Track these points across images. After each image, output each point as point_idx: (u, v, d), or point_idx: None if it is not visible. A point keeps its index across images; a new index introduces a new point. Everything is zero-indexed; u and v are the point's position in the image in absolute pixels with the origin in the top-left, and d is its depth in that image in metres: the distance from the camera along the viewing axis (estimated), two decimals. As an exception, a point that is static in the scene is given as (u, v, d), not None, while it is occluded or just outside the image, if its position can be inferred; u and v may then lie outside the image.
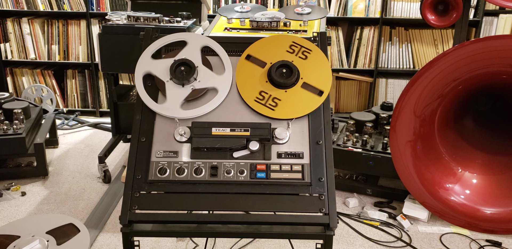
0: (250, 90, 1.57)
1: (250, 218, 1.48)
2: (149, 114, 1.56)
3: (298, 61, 1.60)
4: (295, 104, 1.56)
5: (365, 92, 4.11)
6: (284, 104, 1.56)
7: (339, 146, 2.78)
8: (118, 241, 2.35)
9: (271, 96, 1.56)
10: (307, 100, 1.57)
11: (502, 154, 2.37)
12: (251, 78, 1.58)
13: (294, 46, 1.63)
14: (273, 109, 1.55)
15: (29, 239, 1.67)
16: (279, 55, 1.61)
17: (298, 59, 1.61)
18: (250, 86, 1.58)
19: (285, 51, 1.62)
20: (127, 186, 1.47)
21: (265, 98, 1.56)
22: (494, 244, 2.38)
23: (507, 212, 2.22)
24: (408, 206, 2.57)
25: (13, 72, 4.10)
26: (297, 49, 1.62)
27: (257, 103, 1.56)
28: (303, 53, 1.62)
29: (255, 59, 1.61)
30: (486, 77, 2.16)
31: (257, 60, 1.61)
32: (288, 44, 1.63)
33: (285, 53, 1.61)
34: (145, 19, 2.73)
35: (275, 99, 1.56)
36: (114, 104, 3.02)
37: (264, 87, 1.58)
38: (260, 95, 1.56)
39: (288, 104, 1.56)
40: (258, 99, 1.56)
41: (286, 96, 1.57)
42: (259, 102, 1.56)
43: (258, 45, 1.63)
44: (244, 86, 1.58)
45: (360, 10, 3.82)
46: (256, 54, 1.61)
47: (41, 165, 2.95)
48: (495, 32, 3.80)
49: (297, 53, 1.62)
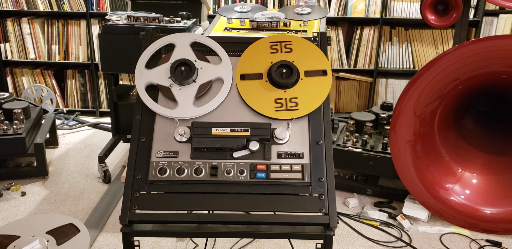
0: (265, 104, 1.55)
1: (250, 218, 1.48)
2: (149, 114, 1.56)
3: (287, 56, 1.60)
4: (310, 94, 1.56)
5: (365, 92, 4.11)
6: (302, 99, 1.56)
7: (339, 146, 2.78)
8: (118, 241, 2.35)
9: (286, 99, 1.56)
10: (318, 85, 1.57)
11: (502, 154, 2.37)
12: (259, 93, 1.57)
13: (274, 45, 1.62)
14: (297, 109, 1.55)
15: (29, 239, 1.67)
16: (266, 60, 1.60)
17: (285, 55, 1.61)
18: (263, 100, 1.56)
19: (270, 53, 1.61)
20: (127, 186, 1.47)
21: (284, 104, 1.56)
22: (494, 244, 2.38)
23: (507, 212, 2.22)
24: (408, 206, 2.57)
25: (13, 72, 4.10)
26: (278, 46, 1.62)
27: (280, 112, 1.55)
28: (286, 47, 1.62)
29: (249, 75, 1.59)
30: (486, 77, 2.16)
31: (251, 75, 1.59)
32: (268, 46, 1.62)
33: (271, 56, 1.61)
34: (145, 19, 2.73)
35: (292, 99, 1.56)
36: (114, 104, 3.01)
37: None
38: (277, 103, 1.56)
39: (305, 97, 1.56)
40: (278, 108, 1.55)
41: (299, 91, 1.57)
42: (281, 110, 1.55)
43: (243, 61, 1.61)
44: (258, 103, 1.56)
45: (360, 10, 3.82)
46: (247, 71, 1.60)
47: (41, 165, 2.95)
48: (495, 32, 3.80)
49: (281, 50, 1.62)
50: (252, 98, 1.56)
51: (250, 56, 1.61)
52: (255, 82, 1.58)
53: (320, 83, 1.58)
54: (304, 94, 1.57)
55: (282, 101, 1.56)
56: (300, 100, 1.56)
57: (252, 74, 1.59)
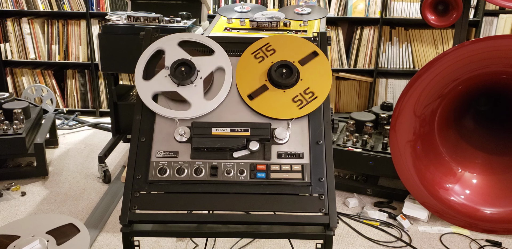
0: (285, 110, 1.56)
1: (250, 218, 1.48)
2: (149, 114, 1.56)
3: (274, 58, 1.61)
4: (317, 79, 1.59)
5: (365, 92, 4.11)
6: (314, 86, 1.58)
7: (339, 146, 2.78)
8: (118, 241, 2.35)
9: (301, 94, 1.57)
10: (318, 67, 1.60)
11: (502, 154, 2.37)
12: (276, 102, 1.56)
13: (256, 53, 1.63)
14: (316, 96, 1.57)
15: (29, 239, 1.67)
16: (260, 70, 1.60)
17: (272, 57, 1.62)
18: (282, 108, 1.56)
19: (258, 63, 1.62)
20: (127, 186, 1.47)
21: (302, 99, 1.57)
22: (494, 244, 2.38)
23: (507, 212, 2.22)
24: (408, 206, 2.57)
25: (13, 72, 4.10)
26: (261, 53, 1.63)
27: (304, 108, 1.55)
28: (268, 50, 1.63)
29: (256, 92, 1.58)
30: (486, 77, 2.16)
31: (258, 91, 1.58)
32: (251, 57, 1.62)
33: (261, 64, 1.61)
34: (145, 19, 2.73)
35: (306, 90, 1.57)
36: (114, 104, 3.01)
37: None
38: (296, 101, 1.56)
39: (314, 83, 1.58)
40: (300, 105, 1.56)
41: (307, 81, 1.59)
42: (304, 105, 1.56)
43: (241, 82, 1.59)
44: (276, 112, 1.56)
45: (360, 10, 3.82)
46: (252, 89, 1.58)
47: (41, 165, 2.95)
48: (495, 32, 3.80)
49: (266, 55, 1.62)
50: (271, 110, 1.56)
51: (244, 74, 1.61)
52: (266, 94, 1.58)
53: (318, 64, 1.61)
54: (312, 81, 1.58)
55: (299, 97, 1.57)
56: (313, 88, 1.57)
57: (258, 90, 1.58)
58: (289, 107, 1.56)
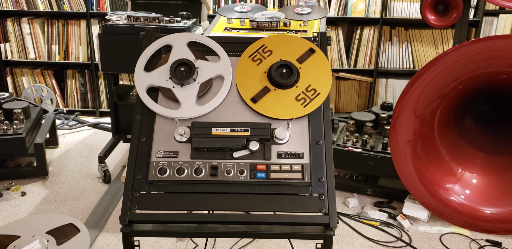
0: (289, 109, 1.56)
1: (250, 218, 1.48)
2: (149, 114, 1.56)
3: (272, 59, 1.61)
4: (317, 75, 1.60)
5: (365, 92, 4.11)
6: (315, 83, 1.59)
7: (339, 146, 2.78)
8: (118, 241, 2.35)
9: (303, 92, 1.57)
10: (316, 63, 1.61)
11: (502, 154, 2.37)
12: (279, 103, 1.57)
13: (254, 56, 1.62)
14: (319, 93, 1.57)
15: (29, 239, 1.66)
16: (259, 72, 1.60)
17: (270, 58, 1.62)
18: (286, 108, 1.57)
19: (257, 65, 1.62)
20: (127, 186, 1.47)
21: (305, 97, 1.57)
22: (494, 244, 2.38)
23: (507, 212, 2.22)
24: (408, 206, 2.57)
25: (13, 72, 4.10)
26: (258, 55, 1.63)
27: (309, 105, 1.56)
28: (264, 51, 1.63)
29: (259, 94, 1.58)
30: (486, 77, 2.16)
31: (261, 93, 1.58)
32: (249, 61, 1.62)
33: (260, 67, 1.61)
34: (145, 19, 2.73)
35: (308, 88, 1.58)
36: (114, 104, 3.01)
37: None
38: (299, 100, 1.57)
39: (315, 80, 1.59)
40: (304, 103, 1.56)
41: (306, 79, 1.59)
42: (307, 103, 1.56)
43: (242, 86, 1.59)
44: (281, 112, 1.57)
45: (360, 10, 3.82)
46: (254, 92, 1.58)
47: (41, 165, 2.95)
48: (495, 32, 3.80)
49: (263, 57, 1.62)
50: (274, 110, 1.56)
51: (244, 78, 1.60)
52: (270, 95, 1.58)
53: (316, 61, 1.61)
54: (313, 78, 1.59)
55: (302, 95, 1.57)
56: (314, 85, 1.58)
57: (260, 92, 1.58)
58: (293, 107, 1.56)
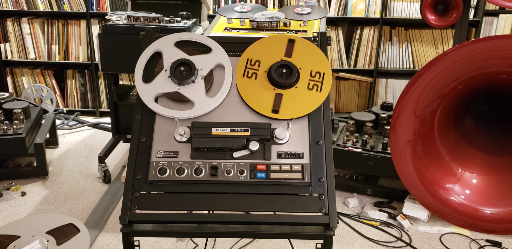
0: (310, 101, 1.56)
1: (250, 218, 1.48)
2: (149, 114, 1.56)
3: (262, 66, 1.61)
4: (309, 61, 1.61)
5: (365, 92, 4.11)
6: (318, 66, 1.60)
7: (339, 146, 2.78)
8: (118, 241, 2.35)
9: (311, 79, 1.58)
10: (312, 54, 1.62)
11: (502, 154, 2.37)
12: (298, 100, 1.57)
13: (246, 73, 1.62)
14: (324, 72, 1.58)
15: (29, 239, 1.66)
16: (261, 86, 1.60)
17: (261, 68, 1.62)
18: (307, 101, 1.56)
19: (254, 79, 1.60)
20: (127, 186, 1.47)
21: (315, 81, 1.58)
22: (494, 244, 2.38)
23: (507, 212, 2.22)
24: (408, 206, 2.57)
25: (13, 72, 4.10)
26: (249, 70, 1.62)
27: (323, 90, 1.57)
28: (253, 65, 1.63)
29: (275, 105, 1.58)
30: (486, 77, 2.16)
31: (276, 102, 1.58)
32: (245, 79, 1.61)
33: (258, 81, 1.61)
34: (145, 19, 2.73)
35: (312, 73, 1.59)
36: (114, 104, 3.01)
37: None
38: (311, 88, 1.57)
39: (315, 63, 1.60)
40: (318, 88, 1.57)
41: (307, 64, 1.59)
42: (320, 87, 1.57)
43: (251, 100, 1.58)
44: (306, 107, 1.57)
45: (360, 10, 3.82)
46: (267, 106, 1.57)
47: (41, 165, 2.95)
48: (495, 32, 3.80)
49: (255, 70, 1.62)
50: (299, 110, 1.56)
51: (252, 96, 1.58)
52: (285, 99, 1.58)
53: (301, 48, 1.62)
54: (309, 63, 1.60)
55: (311, 83, 1.58)
56: (315, 68, 1.60)
57: (276, 101, 1.58)
58: (311, 97, 1.56)
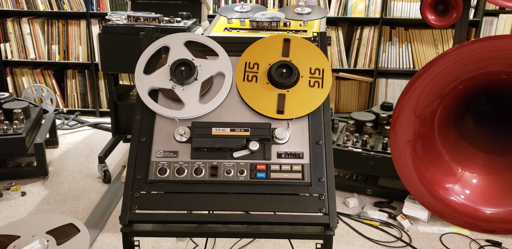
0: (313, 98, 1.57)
1: (250, 218, 1.48)
2: (149, 114, 1.56)
3: (262, 68, 1.61)
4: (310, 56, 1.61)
5: (365, 92, 4.11)
6: (316, 62, 1.60)
7: (339, 146, 2.78)
8: (118, 241, 2.35)
9: (311, 76, 1.58)
10: (309, 51, 1.62)
11: (502, 154, 2.37)
12: (301, 98, 1.57)
13: (246, 76, 1.61)
14: (323, 68, 1.59)
15: (29, 239, 1.66)
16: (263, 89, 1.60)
17: (261, 70, 1.61)
18: (310, 98, 1.57)
19: (255, 82, 1.60)
20: (127, 186, 1.47)
21: (316, 77, 1.58)
22: (494, 244, 2.38)
23: (507, 212, 2.22)
24: (408, 206, 2.57)
25: (13, 72, 4.10)
26: (249, 73, 1.62)
27: (325, 87, 1.57)
28: (251, 68, 1.62)
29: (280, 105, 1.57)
30: (486, 77, 2.16)
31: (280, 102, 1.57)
32: (246, 83, 1.60)
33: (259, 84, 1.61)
34: (145, 19, 2.73)
35: (312, 70, 1.58)
36: (114, 104, 3.01)
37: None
38: (313, 85, 1.57)
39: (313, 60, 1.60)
40: (319, 84, 1.57)
41: (305, 62, 1.60)
42: (321, 83, 1.57)
43: (256, 104, 1.57)
44: (310, 105, 1.57)
45: (360, 10, 3.82)
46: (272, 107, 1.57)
47: (41, 165, 2.95)
48: (495, 32, 3.80)
49: (255, 73, 1.61)
50: (304, 107, 1.56)
51: (256, 100, 1.57)
52: (288, 97, 1.58)
53: (297, 46, 1.63)
54: (306, 61, 1.60)
55: (312, 79, 1.58)
56: (313, 65, 1.60)
57: (279, 101, 1.58)
58: (314, 94, 1.56)
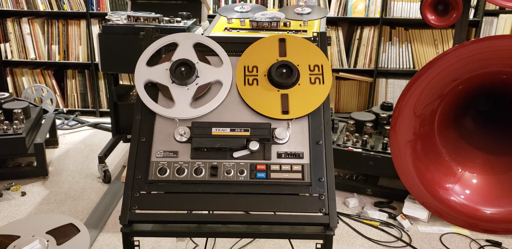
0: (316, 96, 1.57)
1: (250, 218, 1.48)
2: (149, 114, 1.56)
3: (261, 71, 1.61)
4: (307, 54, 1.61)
5: (365, 92, 4.11)
6: (314, 59, 1.60)
7: (339, 146, 2.78)
8: (118, 241, 2.35)
9: (311, 74, 1.58)
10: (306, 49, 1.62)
11: (502, 154, 2.37)
12: (304, 96, 1.56)
13: (247, 80, 1.60)
14: (322, 64, 1.59)
15: (29, 239, 1.66)
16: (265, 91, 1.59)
17: (260, 72, 1.61)
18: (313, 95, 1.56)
19: (256, 85, 1.60)
20: (127, 186, 1.47)
21: (316, 74, 1.58)
22: (494, 244, 2.38)
23: (507, 212, 2.22)
24: (408, 206, 2.57)
25: (13, 72, 4.10)
26: (249, 77, 1.62)
27: (326, 83, 1.57)
28: (251, 71, 1.62)
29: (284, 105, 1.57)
30: (486, 77, 2.16)
31: (284, 102, 1.57)
32: (248, 87, 1.59)
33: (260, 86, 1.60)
34: (145, 19, 2.73)
35: (311, 67, 1.59)
36: (114, 104, 3.02)
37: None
38: (313, 82, 1.57)
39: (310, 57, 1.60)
40: (320, 81, 1.57)
41: (303, 60, 1.60)
42: (322, 79, 1.57)
43: (259, 106, 1.56)
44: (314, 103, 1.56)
45: (360, 10, 3.82)
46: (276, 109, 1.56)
47: (41, 165, 2.95)
48: (495, 32, 3.80)
49: (255, 76, 1.61)
50: (307, 105, 1.56)
51: (259, 102, 1.57)
52: (291, 96, 1.57)
53: (294, 45, 1.63)
54: (305, 58, 1.60)
55: (313, 76, 1.58)
56: (312, 62, 1.60)
57: (283, 102, 1.57)
58: (316, 91, 1.56)
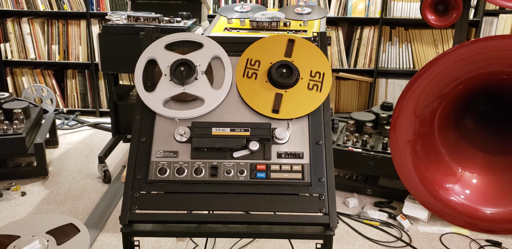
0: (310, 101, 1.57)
1: (250, 218, 1.48)
2: (149, 114, 1.56)
3: (262, 66, 1.61)
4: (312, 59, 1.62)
5: (365, 92, 4.11)
6: (318, 66, 1.60)
7: (339, 146, 2.78)
8: (118, 241, 2.35)
9: (311, 79, 1.58)
10: (312, 54, 1.62)
11: (502, 154, 2.37)
12: (298, 99, 1.57)
13: (246, 72, 1.61)
14: (324, 72, 1.59)
15: (29, 239, 1.66)
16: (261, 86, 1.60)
17: (261, 68, 1.61)
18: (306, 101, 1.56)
19: (254, 79, 1.61)
20: (127, 186, 1.47)
21: (315, 81, 1.58)
22: (494, 244, 2.38)
23: (507, 212, 2.22)
24: (408, 206, 2.57)
25: (13, 72, 4.10)
26: (249, 70, 1.62)
27: (323, 91, 1.57)
28: (253, 65, 1.63)
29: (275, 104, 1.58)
30: (486, 77, 2.16)
31: (276, 102, 1.57)
32: (245, 79, 1.60)
33: (258, 81, 1.61)
34: (145, 19, 2.73)
35: (312, 73, 1.59)
36: (114, 104, 3.02)
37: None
38: (311, 88, 1.57)
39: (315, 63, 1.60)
40: (318, 88, 1.57)
41: (307, 64, 1.60)
42: (320, 87, 1.57)
43: (252, 101, 1.57)
44: (305, 107, 1.57)
45: (360, 10, 3.82)
46: (267, 106, 1.57)
47: (41, 165, 2.95)
48: (495, 32, 3.80)
49: (255, 70, 1.62)
50: (299, 109, 1.56)
51: (253, 97, 1.58)
52: (285, 98, 1.58)
53: (301, 48, 1.63)
54: (308, 63, 1.60)
55: (311, 82, 1.58)
56: (315, 68, 1.60)
57: (276, 101, 1.57)
58: (311, 97, 1.56)
